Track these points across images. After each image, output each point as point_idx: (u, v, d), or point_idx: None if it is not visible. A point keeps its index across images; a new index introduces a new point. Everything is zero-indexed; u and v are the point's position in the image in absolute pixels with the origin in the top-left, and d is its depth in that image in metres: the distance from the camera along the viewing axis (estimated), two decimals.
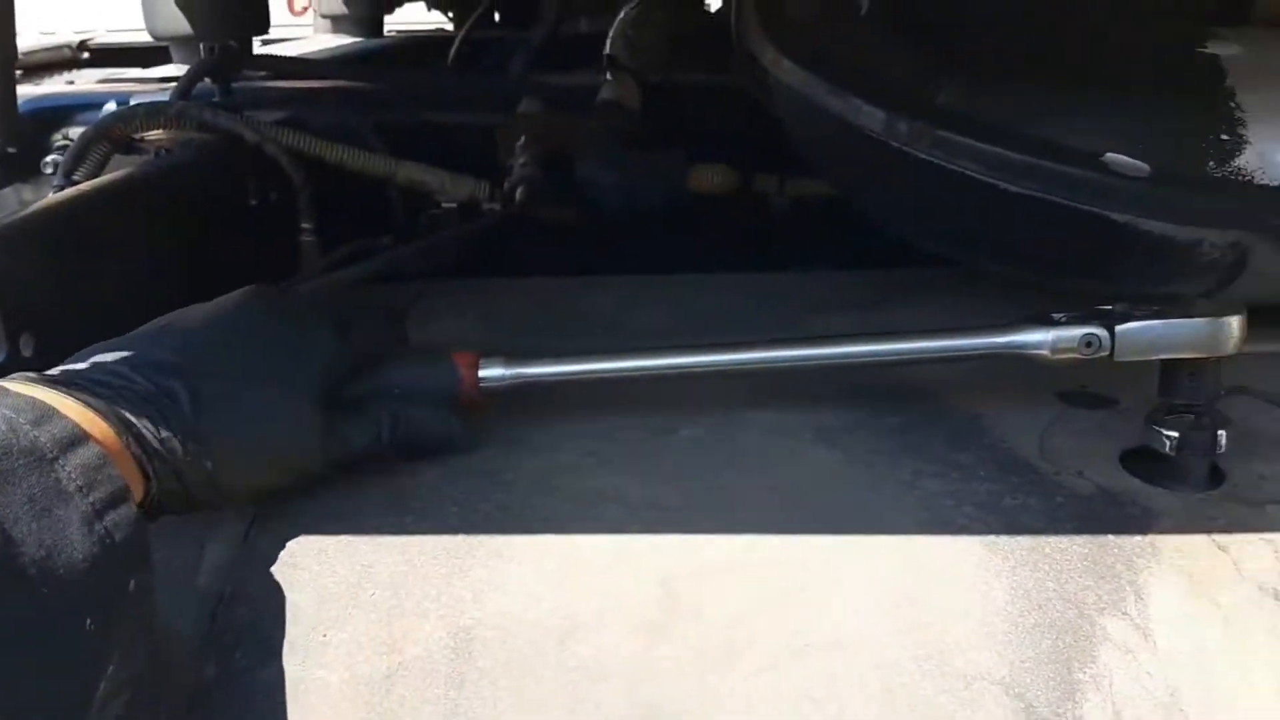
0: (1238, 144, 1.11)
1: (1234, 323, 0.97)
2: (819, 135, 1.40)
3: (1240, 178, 1.12)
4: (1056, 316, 1.03)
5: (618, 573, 0.90)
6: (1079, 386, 1.19)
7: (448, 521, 0.96)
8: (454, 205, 1.69)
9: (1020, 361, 1.05)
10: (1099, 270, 1.20)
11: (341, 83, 2.07)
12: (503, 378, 1.06)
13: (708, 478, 1.02)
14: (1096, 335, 1.00)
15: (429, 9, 3.63)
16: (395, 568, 0.91)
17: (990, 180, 1.15)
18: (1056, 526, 0.95)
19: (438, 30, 3.80)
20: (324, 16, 3.31)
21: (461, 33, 3.00)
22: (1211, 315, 0.97)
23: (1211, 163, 1.11)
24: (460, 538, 0.94)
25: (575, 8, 2.83)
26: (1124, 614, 0.88)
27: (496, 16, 3.61)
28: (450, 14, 3.68)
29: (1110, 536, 0.94)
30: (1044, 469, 1.03)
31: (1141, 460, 1.03)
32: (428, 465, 1.04)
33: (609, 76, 1.87)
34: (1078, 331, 1.00)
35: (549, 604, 0.88)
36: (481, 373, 1.06)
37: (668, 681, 0.84)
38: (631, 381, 1.09)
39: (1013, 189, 1.15)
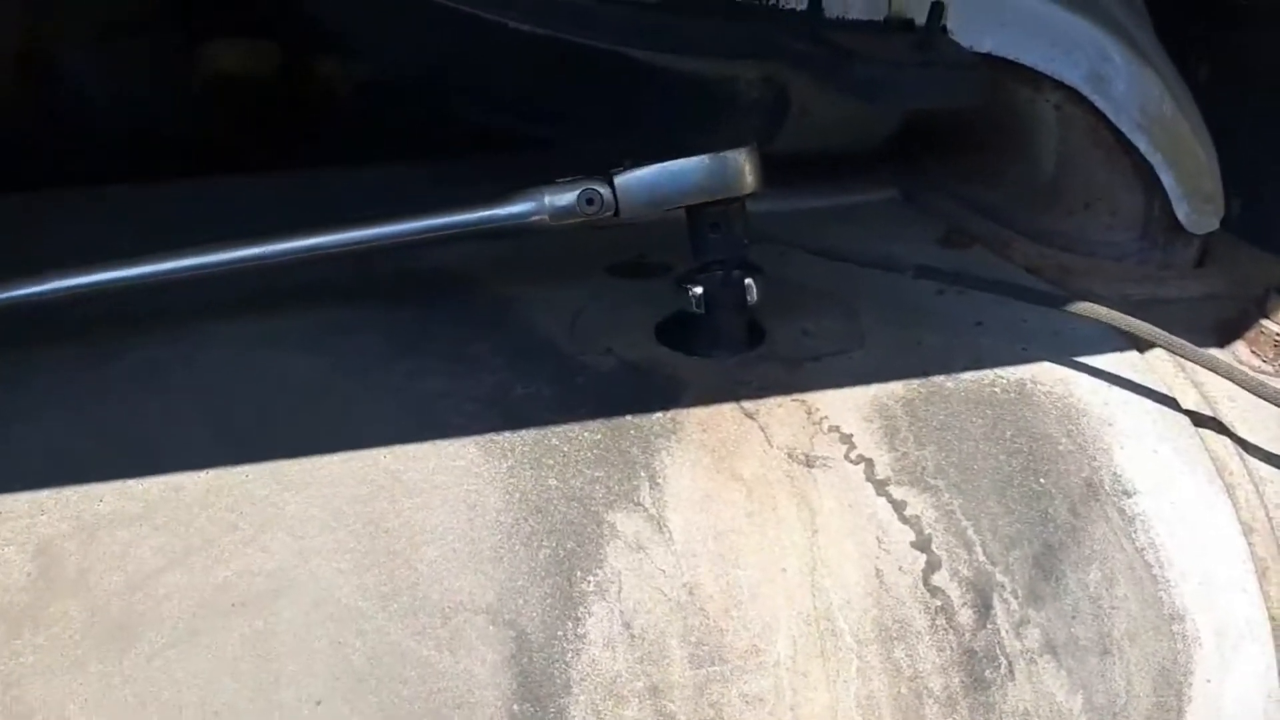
0: None
1: (740, 157, 0.84)
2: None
3: (765, 1, 0.99)
4: (562, 181, 0.87)
5: None
6: (637, 256, 1.05)
7: None
8: None
9: (562, 233, 0.89)
10: (635, 120, 1.06)
11: None
12: None
13: (145, 409, 0.79)
14: (597, 192, 0.84)
15: None
16: None
17: (496, 19, 0.98)
18: (568, 414, 0.79)
19: None
20: None
21: None
22: (714, 152, 0.83)
23: None
24: None
25: None
26: (637, 504, 0.74)
27: None
28: None
29: (628, 417, 0.80)
30: (569, 350, 0.88)
31: (676, 328, 0.90)
32: None
33: None
34: (573, 192, 0.84)
35: None
36: None
37: (33, 682, 0.62)
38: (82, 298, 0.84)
39: (523, 28, 0.98)
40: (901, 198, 1.21)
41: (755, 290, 0.87)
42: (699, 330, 0.88)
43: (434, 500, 0.72)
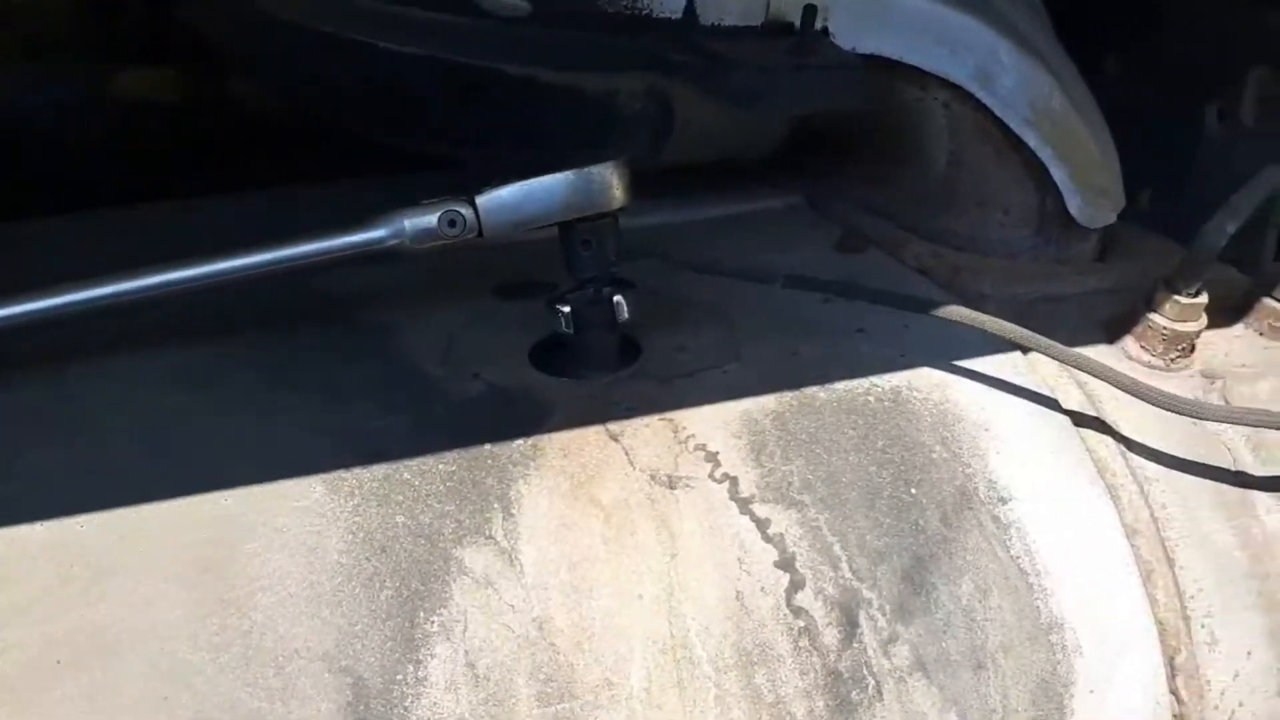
0: None
1: (606, 171, 0.82)
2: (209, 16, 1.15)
3: (638, 12, 0.97)
4: (425, 203, 0.85)
5: None
6: (525, 275, 1.03)
7: None
8: None
9: (451, 254, 0.87)
10: (518, 137, 1.04)
11: None
12: None
13: None
14: (459, 213, 0.82)
15: None
16: None
17: (363, 39, 0.96)
18: (424, 445, 0.77)
19: None
20: None
21: None
22: (577, 167, 0.81)
23: None
24: None
25: None
26: (488, 538, 0.72)
27: None
28: None
29: (487, 446, 0.77)
30: (437, 376, 0.86)
31: (549, 350, 0.88)
32: None
33: None
34: (434, 214, 0.82)
35: None
36: None
37: None
38: None
39: (392, 47, 0.96)
40: (805, 204, 1.19)
41: (626, 308, 0.85)
42: (570, 351, 0.86)
43: (274, 543, 0.70)
